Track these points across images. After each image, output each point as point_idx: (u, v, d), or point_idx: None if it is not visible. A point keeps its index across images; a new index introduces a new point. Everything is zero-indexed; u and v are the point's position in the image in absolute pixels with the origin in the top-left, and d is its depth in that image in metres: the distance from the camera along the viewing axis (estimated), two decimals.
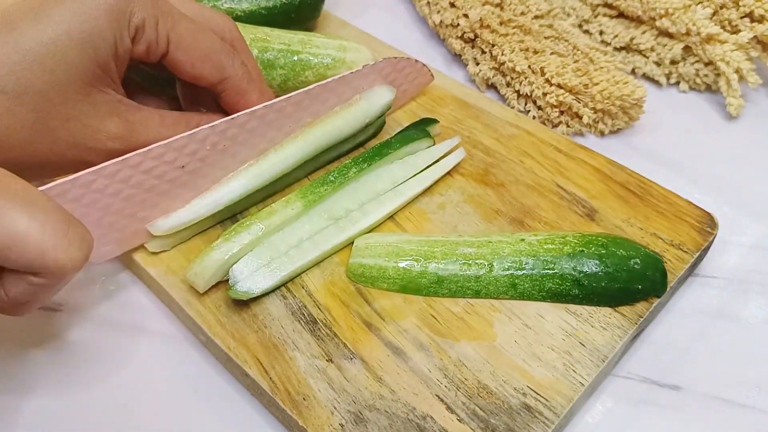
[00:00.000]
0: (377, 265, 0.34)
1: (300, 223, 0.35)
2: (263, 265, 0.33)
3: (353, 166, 0.37)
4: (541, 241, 0.34)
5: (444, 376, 0.31)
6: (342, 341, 0.32)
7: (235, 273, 0.33)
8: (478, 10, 0.49)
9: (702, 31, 0.45)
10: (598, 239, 0.34)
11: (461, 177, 0.40)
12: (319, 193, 0.35)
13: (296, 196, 0.35)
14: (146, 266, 0.35)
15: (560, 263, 0.33)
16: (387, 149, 0.38)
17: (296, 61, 0.43)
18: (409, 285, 0.34)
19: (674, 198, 0.38)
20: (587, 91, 0.44)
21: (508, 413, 0.29)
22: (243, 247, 0.33)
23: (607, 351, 0.31)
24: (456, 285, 0.33)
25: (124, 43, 0.31)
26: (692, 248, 0.35)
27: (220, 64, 0.34)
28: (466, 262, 0.33)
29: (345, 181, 0.36)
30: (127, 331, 0.35)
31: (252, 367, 0.31)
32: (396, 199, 0.37)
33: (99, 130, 0.31)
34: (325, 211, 0.36)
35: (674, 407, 0.32)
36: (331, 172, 0.36)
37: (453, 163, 0.39)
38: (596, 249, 0.33)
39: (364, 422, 0.29)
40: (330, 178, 0.36)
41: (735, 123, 0.47)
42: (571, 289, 0.33)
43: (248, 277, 0.33)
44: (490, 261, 0.33)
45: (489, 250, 0.34)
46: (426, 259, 0.34)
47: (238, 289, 0.32)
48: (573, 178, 0.39)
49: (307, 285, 0.34)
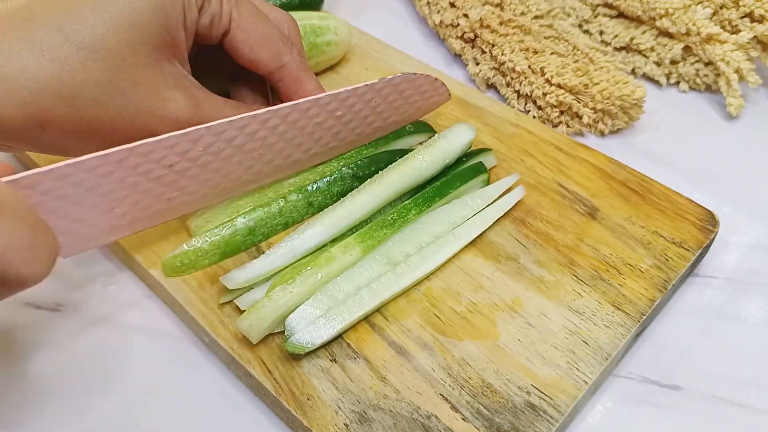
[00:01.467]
0: (193, 249, 0.32)
1: (358, 269, 0.33)
2: (320, 316, 0.32)
3: (413, 208, 0.35)
4: (323, 169, 0.37)
5: (448, 375, 0.31)
6: (345, 341, 0.32)
7: (291, 324, 0.31)
8: (478, 10, 0.49)
9: (702, 31, 0.45)
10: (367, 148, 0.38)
11: None
12: (378, 237, 0.34)
13: (355, 241, 0.33)
14: (148, 267, 0.35)
15: (340, 170, 0.37)
16: (447, 189, 0.36)
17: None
18: (227, 249, 0.33)
19: (675, 196, 0.38)
20: (587, 91, 0.44)
21: (512, 412, 0.29)
22: (301, 297, 0.32)
23: (611, 349, 0.31)
24: (266, 227, 0.35)
25: (192, 11, 0.32)
26: (694, 246, 0.35)
27: (278, 50, 0.35)
28: (267, 204, 0.35)
29: (404, 223, 0.35)
30: (127, 332, 0.35)
31: (255, 368, 0.31)
32: (455, 242, 0.35)
33: (167, 98, 0.31)
34: (383, 256, 0.34)
35: (674, 407, 0.32)
36: (390, 214, 0.35)
37: (512, 203, 0.37)
38: (366, 148, 0.38)
39: (369, 422, 0.29)
40: (389, 220, 0.34)
41: (735, 123, 0.47)
42: (353, 183, 0.36)
43: (305, 329, 0.31)
44: (285, 195, 0.35)
45: (283, 190, 0.36)
46: (232, 219, 0.34)
47: (295, 342, 0.31)
48: (574, 176, 0.39)
49: None
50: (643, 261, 0.35)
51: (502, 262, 0.35)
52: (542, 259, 0.35)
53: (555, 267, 0.35)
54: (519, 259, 0.35)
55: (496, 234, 0.37)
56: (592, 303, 0.33)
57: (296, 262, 0.33)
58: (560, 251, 0.36)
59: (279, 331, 0.32)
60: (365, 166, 0.37)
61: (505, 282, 0.34)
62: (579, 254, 0.35)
